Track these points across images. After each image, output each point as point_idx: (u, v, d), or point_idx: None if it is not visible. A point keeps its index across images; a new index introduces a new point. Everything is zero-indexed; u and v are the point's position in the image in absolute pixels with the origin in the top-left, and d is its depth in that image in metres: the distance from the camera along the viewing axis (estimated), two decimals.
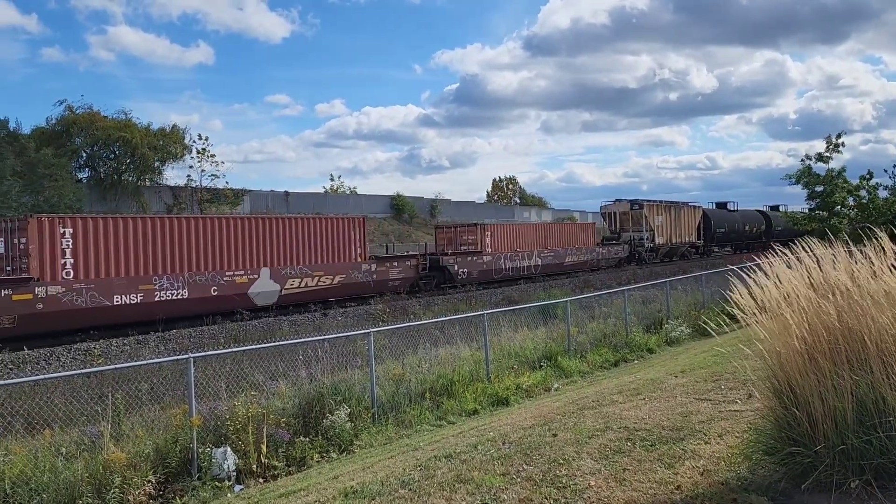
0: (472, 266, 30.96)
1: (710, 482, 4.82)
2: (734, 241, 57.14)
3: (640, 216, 44.50)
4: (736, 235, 56.23)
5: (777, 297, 4.84)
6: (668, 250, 47.05)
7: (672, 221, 46.95)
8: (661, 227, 45.47)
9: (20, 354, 14.41)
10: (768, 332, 4.78)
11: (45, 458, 6.74)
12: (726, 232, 54.87)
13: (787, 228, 58.22)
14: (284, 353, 10.37)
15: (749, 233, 57.38)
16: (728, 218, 55.79)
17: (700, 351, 12.34)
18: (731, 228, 55.32)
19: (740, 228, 56.61)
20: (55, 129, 40.00)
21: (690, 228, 49.51)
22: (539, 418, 7.42)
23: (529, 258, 35.05)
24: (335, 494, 5.54)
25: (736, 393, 7.35)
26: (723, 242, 56.48)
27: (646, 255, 44.26)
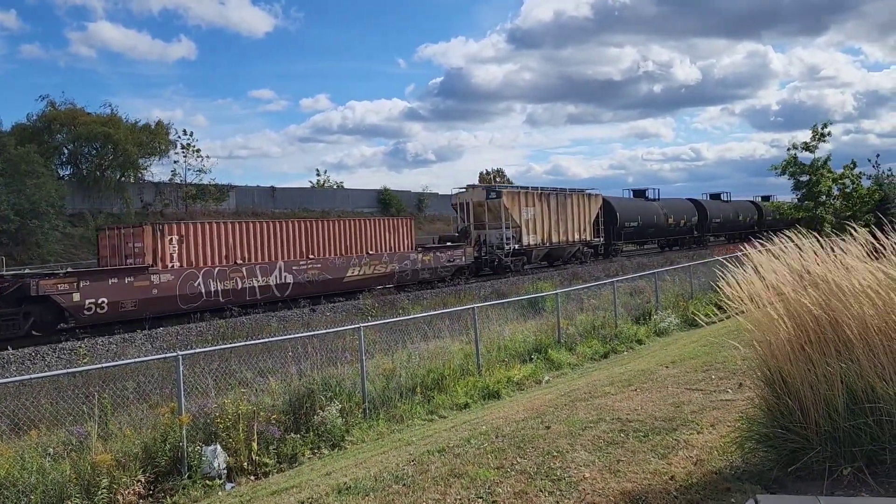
0: (123, 293, 18.79)
1: (704, 471, 4.83)
2: (656, 237, 48.96)
3: (499, 207, 32.94)
4: (655, 230, 47.44)
5: (761, 288, 4.85)
6: (546, 252, 36.23)
7: (552, 215, 36.17)
8: (533, 223, 34.54)
9: (4, 354, 14.24)
10: (756, 323, 4.79)
11: (32, 458, 6.65)
12: (641, 227, 44.95)
13: (727, 221, 54.02)
14: (273, 349, 10.31)
15: (675, 227, 48.96)
16: (645, 209, 46.27)
17: (690, 341, 12.40)
18: (649, 223, 45.74)
19: (660, 222, 47.10)
20: (36, 126, 39.53)
21: (583, 223, 38.90)
22: (531, 411, 7.41)
23: (268, 274, 22.69)
24: (328, 491, 5.50)
25: (727, 382, 7.38)
26: (637, 238, 46.89)
27: (509, 261, 32.68)
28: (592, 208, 40.21)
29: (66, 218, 35.00)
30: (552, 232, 36.22)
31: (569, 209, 37.66)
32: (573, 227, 38.01)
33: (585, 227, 39.20)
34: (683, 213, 50.62)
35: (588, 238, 39.40)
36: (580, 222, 38.72)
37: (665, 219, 47.59)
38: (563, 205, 37.24)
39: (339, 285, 25.09)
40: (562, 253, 37.44)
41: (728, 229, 56.45)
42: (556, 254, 37.14)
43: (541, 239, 35.25)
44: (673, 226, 48.65)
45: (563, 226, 37.18)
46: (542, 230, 35.42)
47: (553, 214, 36.26)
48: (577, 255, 38.51)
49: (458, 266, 30.23)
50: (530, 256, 34.79)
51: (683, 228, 50.33)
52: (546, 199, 36.11)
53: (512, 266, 32.88)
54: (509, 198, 33.39)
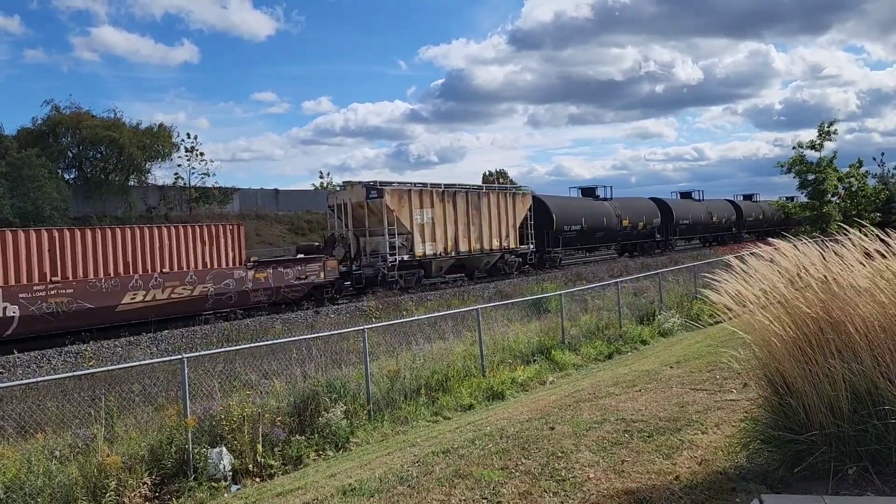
0: None
1: (708, 471, 4.84)
2: (608, 242, 43.10)
3: (381, 209, 26.24)
4: (606, 234, 40.86)
5: (756, 292, 4.85)
6: (453, 263, 29.81)
7: (460, 218, 29.34)
8: (432, 228, 27.85)
9: (10, 358, 14.30)
10: (756, 324, 4.80)
11: (39, 461, 6.68)
12: (586, 231, 38.34)
13: (698, 222, 48.82)
14: (277, 351, 10.32)
15: (633, 230, 42.87)
16: (592, 210, 39.65)
17: (694, 342, 12.38)
18: (597, 225, 39.19)
19: (612, 225, 40.55)
20: (41, 130, 39.70)
21: (506, 227, 31.97)
22: (536, 412, 7.41)
23: None
24: (333, 492, 5.51)
25: (731, 382, 7.37)
26: (581, 243, 39.71)
27: (396, 275, 26.19)
28: (519, 209, 33.01)
29: (70, 221, 35.12)
30: (460, 238, 29.20)
31: (485, 211, 30.66)
32: (492, 233, 30.92)
33: (509, 233, 32.06)
34: (642, 215, 44.10)
35: (513, 245, 32.35)
36: (502, 226, 31.70)
37: (619, 221, 41.19)
38: (477, 206, 30.30)
39: (110, 316, 18.25)
40: (476, 263, 30.80)
41: (700, 231, 51.80)
42: (469, 264, 30.63)
43: (443, 247, 28.29)
44: (629, 229, 42.28)
45: (477, 231, 30.06)
46: (446, 237, 28.39)
47: (462, 217, 29.37)
48: (498, 265, 31.82)
49: (315, 284, 23.65)
50: (429, 269, 28.17)
51: (643, 232, 44.15)
52: (451, 199, 29.09)
53: (402, 281, 26.26)
54: (394, 197, 26.52)
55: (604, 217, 40.32)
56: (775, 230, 56.85)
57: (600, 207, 41.02)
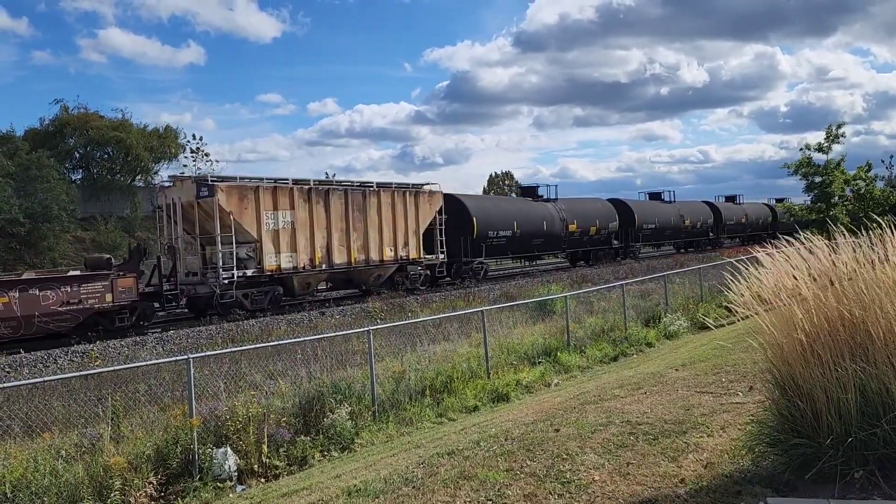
0: None
1: (714, 475, 4.83)
2: (551, 250, 36.09)
3: (212, 209, 20.30)
4: (547, 241, 34.07)
5: (776, 288, 4.83)
6: (327, 278, 24.65)
7: (335, 222, 23.39)
8: (291, 234, 22.05)
9: (17, 357, 14.35)
10: (769, 324, 4.78)
11: (45, 461, 6.70)
12: (520, 237, 31.87)
13: (665, 226, 43.59)
14: (283, 352, 10.35)
15: (583, 236, 36.71)
16: (529, 213, 33.32)
17: (699, 344, 12.36)
18: (534, 230, 32.76)
19: (556, 230, 34.32)
20: (48, 130, 39.91)
21: (403, 233, 25.75)
22: (541, 414, 7.41)
23: None
24: (338, 493, 5.52)
25: (737, 385, 7.35)
26: (515, 251, 33.71)
27: (235, 295, 20.38)
28: (424, 211, 26.78)
29: (77, 221, 35.26)
30: (336, 248, 23.27)
31: (372, 213, 24.52)
32: (383, 240, 24.79)
33: (409, 240, 25.88)
34: (594, 218, 37.73)
35: (415, 255, 26.20)
36: (399, 232, 25.52)
37: (564, 225, 34.92)
38: (361, 207, 24.15)
39: None
40: (363, 277, 24.95)
41: (670, 237, 47.16)
42: (355, 278, 25.08)
43: (309, 259, 22.42)
44: (577, 234, 35.90)
45: (362, 238, 24.12)
46: (314, 246, 22.52)
47: (339, 222, 23.44)
48: (396, 280, 25.85)
49: (97, 310, 17.53)
50: (290, 286, 22.37)
51: (596, 238, 37.69)
52: (322, 199, 23.03)
53: (248, 302, 20.80)
54: (232, 196, 20.56)
55: (543, 221, 33.81)
56: (761, 235, 52.96)
57: (539, 209, 34.50)
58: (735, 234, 54.16)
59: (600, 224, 37.71)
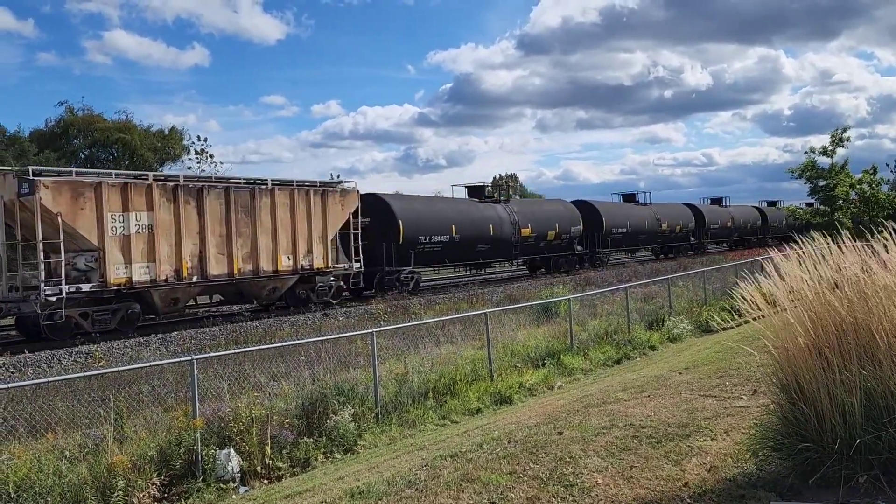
0: None
1: (718, 478, 4.81)
2: (497, 257, 31.33)
3: (33, 207, 16.25)
4: (495, 247, 30.04)
5: (783, 291, 4.82)
6: (201, 291, 20.09)
7: (212, 225, 19.30)
8: (147, 241, 17.96)
9: (21, 357, 14.37)
10: (773, 328, 4.77)
11: (49, 461, 6.71)
12: (459, 244, 28.02)
13: (639, 230, 39.73)
14: (286, 353, 10.34)
15: (536, 240, 32.22)
16: (466, 214, 29.18)
17: (703, 347, 12.34)
18: (474, 234, 28.77)
19: (505, 234, 30.18)
20: (53, 131, 40.05)
21: (306, 239, 21.78)
22: (544, 416, 7.40)
23: None
24: (341, 495, 5.52)
25: (741, 389, 7.34)
26: (452, 258, 28.74)
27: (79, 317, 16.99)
28: (334, 213, 22.69)
29: None
30: (212, 256, 19.17)
31: (264, 215, 20.50)
32: (278, 247, 20.84)
33: (313, 246, 21.86)
34: (553, 222, 33.23)
35: (321, 263, 22.11)
36: (301, 238, 21.53)
37: (515, 229, 30.81)
38: (248, 208, 20.18)
39: None
40: (255, 291, 20.95)
41: (645, 242, 42.98)
42: (246, 291, 20.94)
43: (173, 269, 18.34)
44: (532, 239, 31.94)
45: (249, 245, 20.11)
46: (180, 254, 18.50)
47: (218, 225, 19.42)
48: (298, 293, 21.95)
49: None
50: (150, 302, 18.32)
51: (556, 243, 33.65)
52: (194, 198, 19.02)
53: (90, 325, 17.04)
54: (61, 193, 16.68)
55: (490, 224, 29.61)
56: (749, 240, 52.23)
57: (486, 212, 30.27)
58: (720, 238, 51.79)
59: (560, 228, 33.53)
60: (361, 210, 24.06)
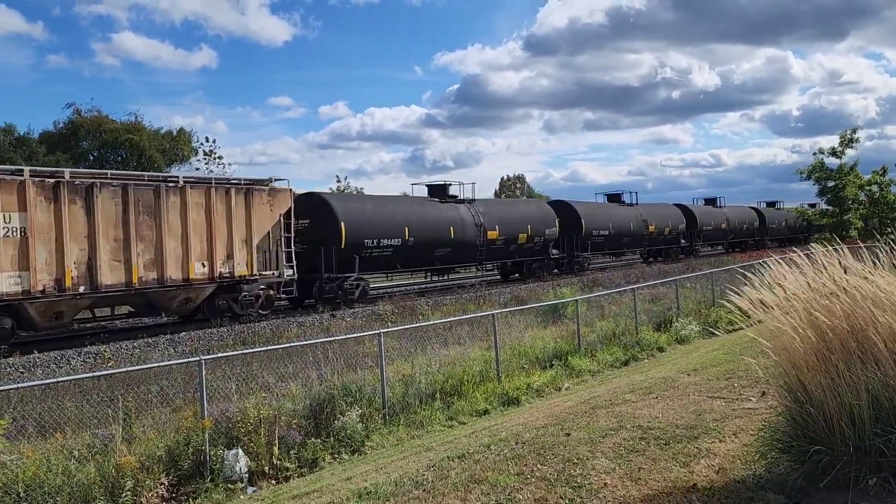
0: None
1: (726, 480, 4.80)
2: (462, 261, 28.79)
3: None
4: (456, 250, 27.17)
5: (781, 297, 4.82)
6: (89, 304, 17.44)
7: (105, 228, 17.07)
8: (18, 247, 15.63)
9: (30, 358, 14.46)
10: (776, 332, 4.76)
11: (58, 461, 6.74)
12: (414, 247, 25.30)
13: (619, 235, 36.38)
14: (293, 354, 10.37)
15: (522, 247, 30.37)
16: (433, 216, 26.93)
17: (711, 349, 12.29)
18: (439, 237, 26.36)
19: (468, 236, 27.60)
20: (62, 133, 40.28)
21: (226, 243, 19.47)
22: (551, 418, 7.39)
23: None
24: (349, 495, 5.52)
25: (749, 391, 7.31)
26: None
27: None
28: (261, 215, 20.37)
29: None
30: (104, 263, 16.88)
31: (172, 217, 18.15)
32: (190, 253, 18.42)
33: (235, 252, 19.46)
34: (525, 223, 30.63)
35: (245, 271, 19.74)
36: (219, 242, 19.13)
37: (480, 232, 28.22)
38: (152, 208, 17.83)
39: None
40: (164, 302, 18.43)
41: (630, 245, 39.69)
42: (157, 302, 18.37)
43: (54, 280, 16.12)
44: (501, 242, 29.45)
45: (153, 250, 17.73)
46: (62, 261, 16.19)
47: (112, 228, 17.16)
48: (218, 304, 19.47)
49: None
50: (25, 317, 16.04)
51: (528, 247, 30.75)
52: (78, 196, 16.69)
53: None
54: None
55: (451, 227, 27.02)
56: (746, 242, 50.51)
57: (446, 213, 27.57)
58: (714, 241, 49.88)
59: (533, 230, 30.80)
60: (299, 211, 22.30)
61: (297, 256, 21.83)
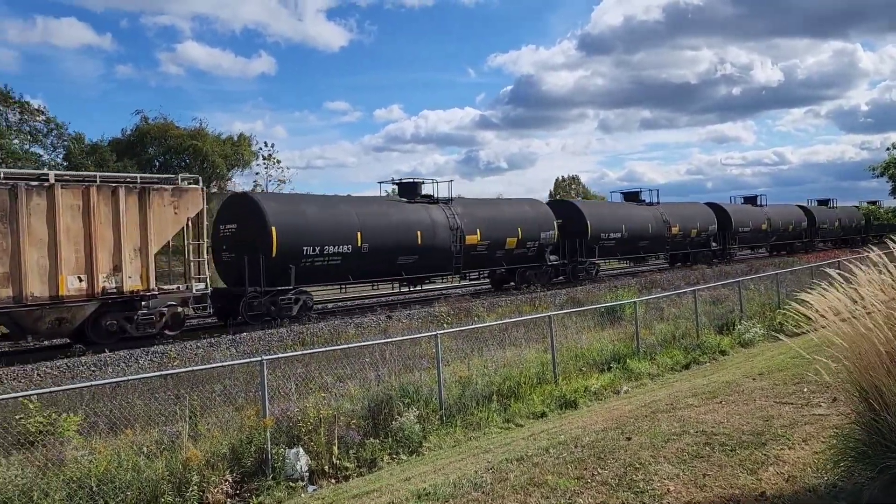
0: None
1: (797, 489, 4.63)
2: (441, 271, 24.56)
3: None
4: (437, 257, 23.85)
5: (857, 299, 4.63)
6: None
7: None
8: None
9: (102, 357, 15.02)
10: (847, 337, 4.57)
11: (128, 456, 6.97)
12: (367, 255, 21.67)
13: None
14: (351, 355, 10.49)
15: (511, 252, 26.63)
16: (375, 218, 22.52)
17: (777, 353, 11.91)
18: (391, 244, 22.46)
19: (440, 240, 23.91)
20: (130, 140, 41.85)
21: (114, 253, 16.28)
22: (611, 421, 7.28)
23: None
24: (408, 496, 5.55)
25: (819, 396, 7.05)
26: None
27: None
28: (163, 219, 17.22)
29: None
30: None
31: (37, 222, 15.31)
32: (65, 265, 15.57)
33: (130, 263, 16.50)
34: (514, 226, 26.68)
35: (143, 285, 16.76)
36: (104, 252, 16.19)
37: (456, 237, 24.42)
38: (9, 211, 14.90)
39: None
40: (30, 325, 15.51)
41: (648, 249, 35.57)
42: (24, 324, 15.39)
43: None
44: (483, 248, 25.53)
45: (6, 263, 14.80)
46: None
47: None
48: (106, 325, 16.48)
49: None
50: None
51: (518, 254, 26.87)
52: None
53: None
54: None
55: (419, 231, 23.43)
56: (792, 244, 46.80)
57: (414, 214, 23.81)
58: (753, 243, 45.63)
59: (524, 234, 26.86)
60: (226, 214, 20.40)
61: (225, 267, 20.05)
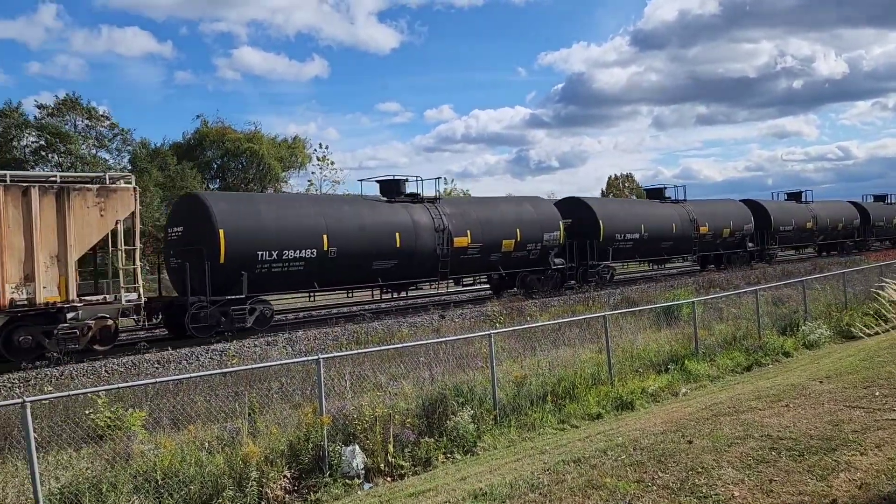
0: None
1: (870, 496, 4.44)
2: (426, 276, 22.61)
3: None
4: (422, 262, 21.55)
5: None
6: None
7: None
8: None
9: (164, 354, 15.47)
10: None
11: (191, 451, 7.15)
12: (332, 261, 19.02)
13: None
14: (405, 354, 10.54)
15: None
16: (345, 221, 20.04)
17: (845, 355, 11.46)
18: (366, 247, 20.22)
19: (423, 244, 21.46)
20: (189, 143, 43.11)
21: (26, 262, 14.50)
22: (670, 424, 7.11)
23: None
24: (464, 496, 5.53)
25: (893, 400, 6.75)
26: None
27: None
28: (87, 222, 15.54)
29: None
30: None
31: None
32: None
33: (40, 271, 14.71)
34: (513, 228, 24.25)
35: (64, 296, 15.09)
36: (15, 260, 14.54)
37: (443, 238, 22.26)
38: None
39: None
40: None
41: (685, 251, 33.00)
42: None
43: None
44: (475, 251, 23.30)
45: None
46: None
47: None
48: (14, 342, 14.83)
49: None
50: None
51: (515, 256, 24.53)
52: None
53: None
54: None
55: (396, 233, 21.15)
56: (843, 243, 43.46)
57: (394, 216, 21.50)
58: (797, 243, 42.51)
59: (524, 235, 24.55)
60: (174, 216, 19.01)
61: (173, 274, 18.51)
